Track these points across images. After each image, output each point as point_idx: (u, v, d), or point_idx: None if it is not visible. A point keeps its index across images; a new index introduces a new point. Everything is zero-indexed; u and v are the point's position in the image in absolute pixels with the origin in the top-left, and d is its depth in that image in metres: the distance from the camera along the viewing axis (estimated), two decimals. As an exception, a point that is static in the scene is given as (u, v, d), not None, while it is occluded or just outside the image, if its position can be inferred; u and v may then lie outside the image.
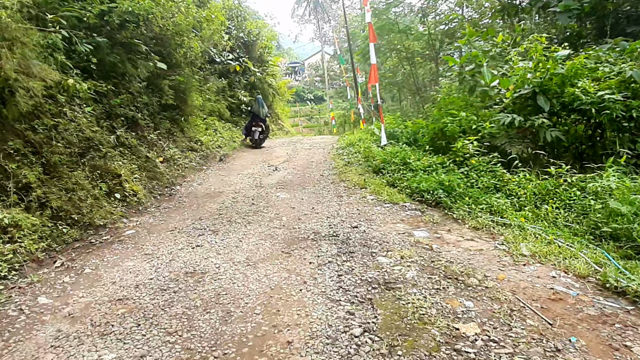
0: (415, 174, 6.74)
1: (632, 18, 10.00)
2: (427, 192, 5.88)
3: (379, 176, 7.34)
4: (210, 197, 6.97)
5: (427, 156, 7.32)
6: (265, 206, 6.20)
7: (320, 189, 7.06)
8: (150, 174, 7.33)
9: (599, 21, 10.15)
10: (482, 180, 5.73)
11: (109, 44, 7.06)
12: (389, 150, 7.89)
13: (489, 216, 4.94)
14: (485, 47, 8.17)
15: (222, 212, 6.02)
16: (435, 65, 20.20)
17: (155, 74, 8.87)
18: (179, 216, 5.99)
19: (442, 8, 20.86)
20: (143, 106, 8.41)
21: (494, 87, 7.09)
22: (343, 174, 7.87)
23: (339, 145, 11.56)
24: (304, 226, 5.18)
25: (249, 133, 12.76)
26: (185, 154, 9.43)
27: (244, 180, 8.12)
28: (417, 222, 5.13)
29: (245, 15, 16.56)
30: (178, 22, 9.02)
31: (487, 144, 6.52)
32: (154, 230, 5.37)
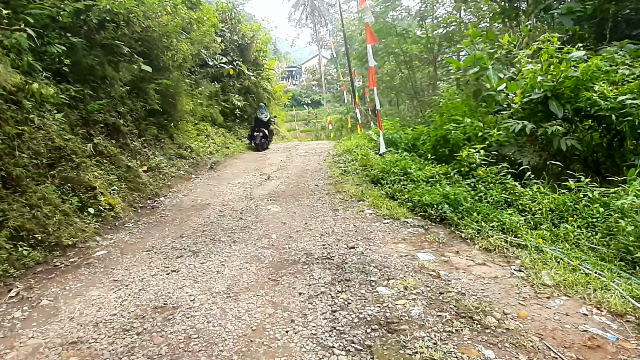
0: (416, 185, 6.20)
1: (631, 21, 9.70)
2: (431, 207, 5.34)
3: (377, 187, 6.79)
4: (195, 210, 6.41)
5: (429, 165, 6.79)
6: (254, 221, 5.65)
7: (314, 201, 6.51)
8: (132, 184, 6.76)
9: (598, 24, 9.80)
10: (491, 194, 5.19)
11: (87, 45, 6.51)
12: (388, 159, 7.36)
13: (501, 235, 4.40)
14: (490, 48, 7.66)
15: (207, 228, 5.46)
16: (433, 69, 19.75)
17: (140, 77, 8.32)
18: (158, 233, 5.43)
19: (440, 12, 20.47)
20: (126, 111, 7.85)
21: (501, 91, 6.57)
22: (339, 184, 7.32)
23: (335, 152, 11.03)
24: (295, 246, 4.62)
25: (253, 138, 13.56)
26: (172, 162, 8.87)
27: (234, 190, 7.57)
28: (420, 241, 4.58)
29: (239, 17, 16.04)
30: (165, 22, 8.49)
31: (495, 153, 5.99)
32: (128, 251, 4.81)
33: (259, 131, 13.51)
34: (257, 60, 17.17)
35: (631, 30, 9.03)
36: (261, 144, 13.43)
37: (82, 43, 6.21)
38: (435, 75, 19.83)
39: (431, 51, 19.06)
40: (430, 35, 18.16)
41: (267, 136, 13.79)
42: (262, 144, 13.45)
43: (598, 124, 5.59)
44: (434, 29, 19.01)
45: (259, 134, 13.45)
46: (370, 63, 7.51)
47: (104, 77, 7.06)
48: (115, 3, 6.25)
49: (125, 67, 7.59)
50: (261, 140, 13.42)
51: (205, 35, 10.19)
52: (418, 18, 20.55)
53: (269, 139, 13.97)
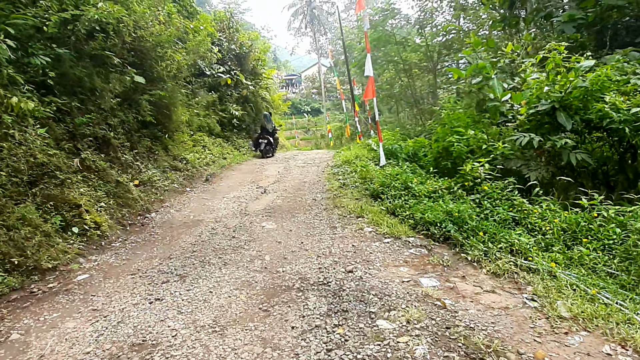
0: (418, 200, 5.89)
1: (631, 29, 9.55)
2: (434, 225, 5.02)
3: (377, 202, 6.48)
4: (187, 227, 6.10)
5: (431, 179, 6.49)
6: (247, 240, 5.34)
7: (311, 217, 6.20)
8: (121, 200, 6.46)
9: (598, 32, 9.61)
10: (497, 211, 4.88)
11: (75, 56, 6.25)
12: (389, 172, 7.05)
13: (510, 257, 4.08)
14: (492, 57, 7.39)
15: (197, 248, 5.15)
16: (433, 77, 19.53)
17: (132, 88, 8.05)
18: (146, 253, 5.12)
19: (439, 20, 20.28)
20: (118, 124, 7.57)
21: (505, 102, 6.29)
22: (338, 198, 7.01)
23: (334, 163, 10.72)
24: (289, 269, 4.31)
25: (258, 145, 14.30)
26: (166, 175, 8.57)
27: (228, 205, 7.26)
28: (423, 264, 4.26)
29: (237, 26, 15.83)
30: (158, 32, 8.24)
31: (501, 167, 5.69)
32: (112, 274, 4.50)
33: (263, 139, 14.20)
34: (255, 69, 16.94)
35: (632, 38, 8.88)
36: (266, 151, 14.13)
37: (69, 54, 5.95)
38: (435, 83, 19.63)
39: (431, 59, 18.86)
40: (430, 43, 17.94)
41: (272, 144, 14.43)
42: (266, 151, 14.16)
43: (609, 137, 5.30)
44: (433, 37, 18.82)
45: (264, 142, 14.13)
46: (369, 73, 7.23)
47: (93, 89, 6.78)
48: (104, 13, 5.98)
49: (116, 78, 7.32)
50: (266, 147, 14.12)
51: (201, 45, 9.94)
52: (417, 26, 20.37)
53: (273, 147, 14.61)
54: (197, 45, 9.81)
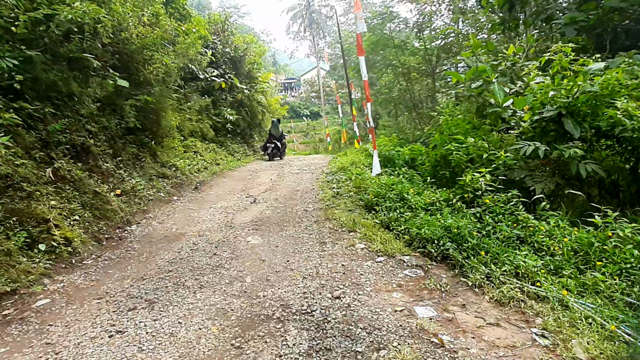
0: (414, 213, 5.45)
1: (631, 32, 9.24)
2: (431, 242, 4.58)
3: (371, 214, 6.04)
4: (167, 242, 5.65)
5: (428, 189, 6.05)
6: (229, 258, 4.89)
7: (300, 231, 5.75)
8: (98, 212, 6.02)
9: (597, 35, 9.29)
10: (500, 228, 4.43)
11: (48, 59, 5.82)
12: (384, 181, 6.61)
13: (515, 281, 3.64)
14: (493, 60, 6.96)
15: (174, 266, 4.70)
16: (432, 81, 19.14)
17: (116, 93, 7.63)
18: (118, 272, 4.67)
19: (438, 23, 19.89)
20: (99, 130, 7.13)
21: (507, 107, 5.85)
22: (330, 209, 6.57)
23: (329, 170, 10.29)
24: (271, 293, 3.86)
25: (265, 149, 15.15)
26: (152, 183, 8.13)
27: (215, 216, 6.81)
28: (419, 288, 3.81)
29: (232, 29, 15.43)
30: (143, 34, 7.82)
31: (503, 178, 5.25)
32: (76, 298, 4.05)
33: (271, 143, 15.05)
34: (251, 73, 16.54)
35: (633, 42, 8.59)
36: (273, 155, 15.01)
37: (41, 57, 5.51)
38: (434, 87, 19.25)
39: (429, 63, 18.47)
40: (428, 47, 17.55)
41: (280, 148, 15.23)
42: (273, 154, 15.03)
43: (620, 145, 4.86)
44: (431, 40, 18.44)
45: (271, 146, 15.00)
46: (364, 76, 6.80)
47: (70, 94, 6.35)
48: (79, 12, 5.55)
49: (97, 82, 6.90)
50: (272, 151, 14.98)
51: (190, 47, 9.51)
52: (416, 30, 19.98)
53: (281, 151, 15.39)
54: (186, 48, 9.37)
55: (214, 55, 14.41)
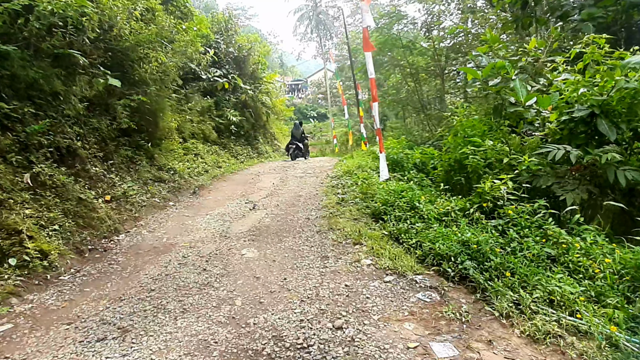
0: (427, 224, 4.87)
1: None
2: (447, 259, 4.00)
3: (379, 224, 5.47)
4: (155, 254, 5.13)
5: (442, 197, 5.47)
6: (219, 275, 4.34)
7: (301, 242, 5.20)
8: (82, 221, 5.51)
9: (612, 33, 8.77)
10: (527, 244, 3.84)
11: (29, 55, 5.33)
12: (393, 188, 6.03)
13: (550, 311, 3.05)
14: (511, 55, 6.35)
15: (158, 284, 4.17)
16: (441, 82, 18.52)
17: (107, 92, 7.15)
18: (96, 291, 4.15)
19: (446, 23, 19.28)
20: (88, 132, 6.66)
21: (529, 107, 5.25)
22: (334, 217, 6.01)
23: (334, 174, 9.72)
24: (262, 321, 3.31)
25: (288, 150, 15.79)
26: (147, 188, 7.63)
27: (210, 224, 6.28)
28: (435, 317, 3.23)
29: (235, 28, 14.94)
30: (137, 30, 7.33)
31: (527, 186, 4.65)
32: (43, 323, 3.53)
33: (292, 144, 15.71)
34: (255, 73, 16.04)
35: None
36: (295, 155, 15.58)
37: (18, 52, 5.02)
38: (443, 88, 18.64)
39: (438, 63, 17.86)
40: (437, 46, 16.94)
41: (301, 149, 15.82)
42: (295, 155, 15.62)
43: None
44: (440, 40, 17.85)
45: (292, 147, 15.65)
46: (370, 74, 6.24)
47: (55, 93, 5.87)
48: (60, 3, 5.05)
49: (85, 81, 6.41)
50: (294, 152, 15.60)
51: (189, 46, 9.00)
52: (424, 29, 19.37)
53: (303, 151, 15.95)
54: (184, 47, 8.87)
55: (217, 55, 13.93)
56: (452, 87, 20.41)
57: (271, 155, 16.63)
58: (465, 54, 16.53)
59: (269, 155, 16.44)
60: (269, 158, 16.00)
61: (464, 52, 16.39)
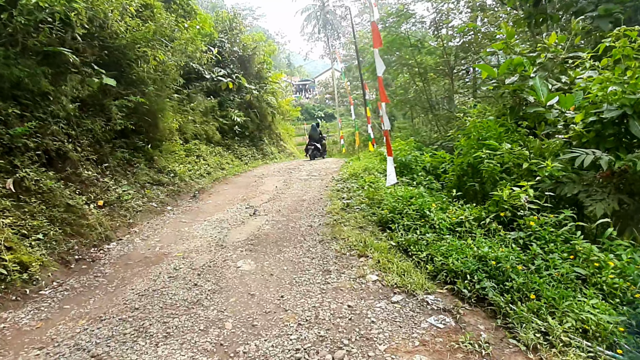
0: (438, 235, 4.45)
1: None
2: (462, 276, 3.57)
3: (386, 234, 5.05)
4: (145, 266, 4.76)
5: (455, 205, 5.03)
6: (211, 290, 3.95)
7: (302, 253, 4.79)
8: (70, 228, 5.16)
9: None
10: (553, 261, 3.39)
11: (15, 52, 4.99)
12: (401, 194, 5.59)
13: (585, 344, 2.61)
14: (529, 52, 5.88)
15: (143, 302, 3.79)
16: (450, 81, 18.03)
17: (103, 92, 6.82)
18: (76, 308, 3.78)
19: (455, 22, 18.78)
20: (81, 133, 6.32)
21: (550, 107, 4.79)
22: (338, 225, 5.59)
23: (340, 177, 9.31)
24: (254, 349, 2.91)
25: (307, 151, 16.53)
26: (144, 192, 7.28)
27: (207, 232, 5.90)
28: (450, 348, 2.80)
29: (240, 27, 14.57)
30: (134, 28, 6.99)
31: (550, 194, 4.20)
32: (12, 347, 3.16)
33: (311, 145, 16.40)
34: (260, 73, 15.68)
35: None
36: (313, 155, 16.18)
37: (2, 50, 4.67)
38: (452, 87, 18.15)
39: (447, 62, 17.37)
40: (446, 45, 16.45)
41: (319, 149, 16.56)
42: (314, 155, 16.21)
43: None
44: (449, 39, 17.38)
45: (311, 147, 16.33)
46: (378, 72, 5.83)
47: (44, 93, 5.53)
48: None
49: (77, 80, 6.07)
50: (313, 152, 16.22)
51: (188, 44, 8.64)
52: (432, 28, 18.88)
53: (321, 151, 16.75)
54: (184, 45, 8.50)
55: (221, 54, 13.59)
56: (461, 86, 19.92)
57: (277, 157, 16.25)
58: (474, 52, 16.07)
59: (275, 156, 16.05)
60: (274, 159, 15.60)
61: (474, 51, 15.93)
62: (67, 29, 5.63)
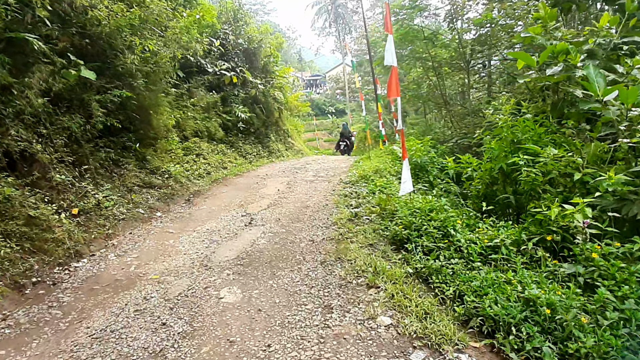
0: (467, 262, 3.53)
1: None
2: (504, 328, 2.66)
3: (401, 255, 4.14)
4: (112, 292, 3.94)
5: (486, 222, 4.10)
6: (181, 335, 3.10)
7: (299, 279, 3.92)
8: (31, 244, 4.36)
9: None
10: (632, 314, 2.47)
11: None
12: (419, 206, 4.67)
13: None
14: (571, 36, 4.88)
15: (94, 350, 2.96)
16: (466, 75, 16.98)
17: (82, 86, 6.01)
18: (10, 358, 2.97)
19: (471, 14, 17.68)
20: (55, 132, 5.51)
21: (605, 103, 3.82)
22: (344, 241, 4.71)
23: (348, 178, 8.40)
24: None
25: (338, 147, 18.50)
26: (130, 196, 6.47)
27: (193, 246, 5.07)
28: None
29: (246, 19, 13.68)
30: (116, 12, 6.15)
31: (615, 215, 3.25)
32: None
33: (342, 142, 18.15)
34: (267, 67, 14.76)
35: None
36: (343, 151, 17.81)
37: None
38: (469, 82, 17.12)
39: (463, 56, 16.34)
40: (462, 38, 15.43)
41: (349, 145, 18.12)
42: (344, 150, 17.88)
43: None
44: (464, 32, 16.38)
45: (343, 143, 18.06)
46: (391, 61, 4.90)
47: (4, 87, 4.72)
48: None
49: (49, 72, 5.27)
50: (344, 148, 17.96)
51: (183, 33, 7.78)
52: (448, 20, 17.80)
53: (349, 147, 18.23)
54: (178, 34, 7.64)
55: (224, 47, 12.72)
56: (477, 81, 18.94)
57: (284, 154, 15.33)
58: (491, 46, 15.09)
59: (282, 154, 15.14)
60: (281, 157, 14.70)
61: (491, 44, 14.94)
62: (25, 10, 4.79)
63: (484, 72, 18.40)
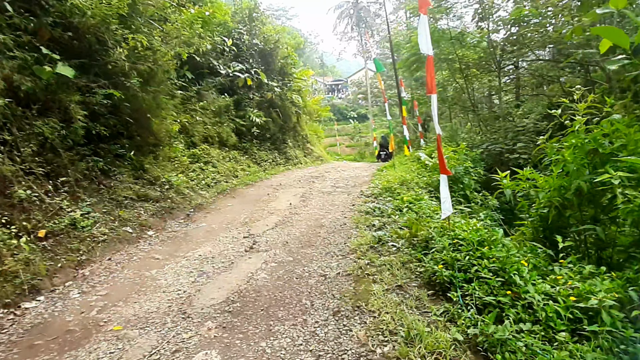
0: (546, 331, 2.34)
1: None
2: None
3: (442, 307, 2.98)
4: (57, 350, 2.92)
5: (564, 265, 2.90)
6: None
7: (302, 341, 2.81)
8: (-31, 280, 3.41)
9: None
10: None
11: None
12: (462, 234, 3.49)
13: None
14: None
15: None
16: (497, 77, 15.66)
17: (60, 85, 5.10)
18: None
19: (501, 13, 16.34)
20: (23, 139, 4.60)
21: None
22: (364, 279, 3.59)
23: (370, 191, 7.25)
24: None
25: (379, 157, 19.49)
26: (117, 213, 5.52)
27: (177, 280, 4.03)
28: None
29: (262, 18, 12.74)
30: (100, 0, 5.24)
31: None
32: None
33: (382, 151, 19.31)
34: (284, 69, 13.78)
35: None
36: (384, 159, 17.99)
37: None
38: (500, 84, 15.82)
39: (493, 57, 15.09)
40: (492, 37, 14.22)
41: (388, 154, 18.22)
42: (385, 159, 17.99)
43: None
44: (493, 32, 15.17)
45: (383, 153, 19.24)
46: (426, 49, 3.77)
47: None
48: None
49: (14, 67, 4.36)
50: (385, 157, 18.60)
51: (184, 27, 6.82)
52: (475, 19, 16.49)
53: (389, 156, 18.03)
54: (178, 29, 6.69)
55: (238, 47, 11.79)
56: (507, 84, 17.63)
57: (302, 161, 14.27)
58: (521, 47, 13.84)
59: (299, 160, 14.10)
60: (298, 164, 13.66)
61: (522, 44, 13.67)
62: None
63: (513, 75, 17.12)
